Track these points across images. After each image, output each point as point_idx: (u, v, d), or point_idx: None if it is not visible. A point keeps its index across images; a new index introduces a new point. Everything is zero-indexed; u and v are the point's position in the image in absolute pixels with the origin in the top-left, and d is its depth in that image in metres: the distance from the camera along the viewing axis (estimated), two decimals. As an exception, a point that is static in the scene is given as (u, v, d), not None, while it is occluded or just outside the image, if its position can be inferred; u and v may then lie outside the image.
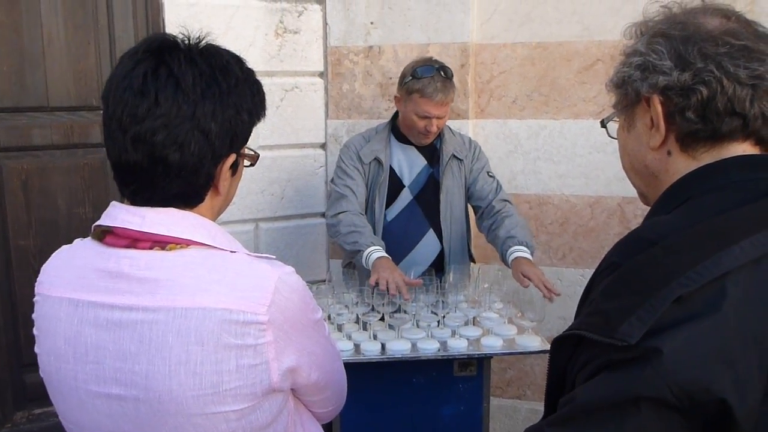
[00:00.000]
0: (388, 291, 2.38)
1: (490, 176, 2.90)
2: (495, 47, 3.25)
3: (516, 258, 2.56)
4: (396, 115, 2.87)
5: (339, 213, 2.76)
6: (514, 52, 3.23)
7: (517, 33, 3.22)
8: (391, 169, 2.84)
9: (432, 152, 2.86)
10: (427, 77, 2.65)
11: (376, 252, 2.59)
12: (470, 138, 2.99)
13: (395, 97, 2.82)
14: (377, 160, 2.82)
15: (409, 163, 2.86)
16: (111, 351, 1.05)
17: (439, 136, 2.84)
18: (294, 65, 3.33)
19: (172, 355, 1.02)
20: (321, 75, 3.43)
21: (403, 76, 2.75)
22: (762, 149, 0.98)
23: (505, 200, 2.85)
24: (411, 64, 2.77)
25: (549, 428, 0.86)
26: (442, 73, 2.67)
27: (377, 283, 2.41)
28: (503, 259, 2.65)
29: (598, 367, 0.84)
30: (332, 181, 2.92)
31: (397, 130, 2.86)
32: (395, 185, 2.85)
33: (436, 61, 2.77)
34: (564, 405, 0.86)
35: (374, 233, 2.79)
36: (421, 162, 2.85)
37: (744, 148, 0.96)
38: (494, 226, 2.75)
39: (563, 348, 0.92)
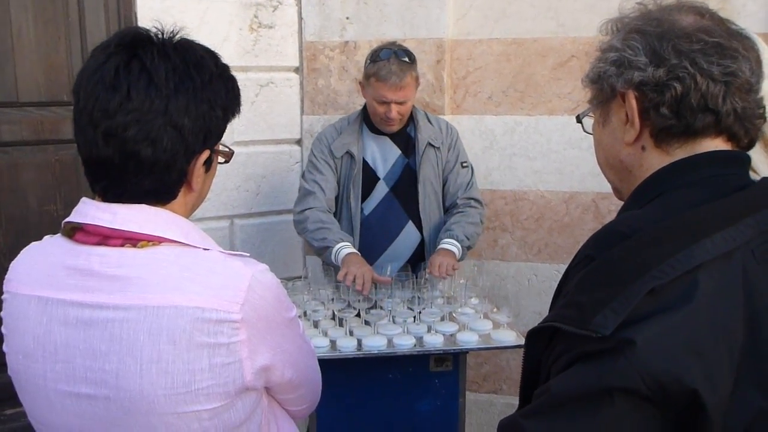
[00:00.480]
0: (355, 286, 2.40)
1: (464, 167, 2.86)
2: (471, 43, 3.26)
3: (438, 249, 2.65)
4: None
5: (306, 209, 2.74)
6: (489, 48, 3.24)
7: (492, 29, 3.22)
8: (365, 162, 2.80)
9: (407, 141, 2.81)
10: (383, 60, 2.60)
11: (345, 248, 2.59)
12: (447, 123, 2.92)
13: (359, 83, 2.78)
14: (349, 154, 2.77)
15: (383, 154, 2.81)
16: (81, 350, 1.04)
17: (413, 123, 2.80)
18: (269, 60, 3.31)
19: (143, 353, 1.01)
20: (296, 70, 3.41)
21: (365, 62, 2.71)
22: (734, 145, 0.99)
23: (471, 198, 2.83)
24: (373, 48, 2.73)
25: (524, 420, 0.87)
26: (402, 57, 2.62)
27: (346, 278, 2.42)
28: None
29: (572, 359, 0.84)
30: (302, 175, 2.88)
31: (369, 120, 2.81)
32: (370, 178, 2.80)
33: (396, 44, 2.71)
34: (538, 396, 0.87)
35: (351, 228, 2.78)
36: (395, 152, 2.81)
37: (716, 144, 0.98)
38: (446, 219, 2.81)
39: (538, 340, 0.93)
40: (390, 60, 2.59)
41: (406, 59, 2.64)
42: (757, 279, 0.87)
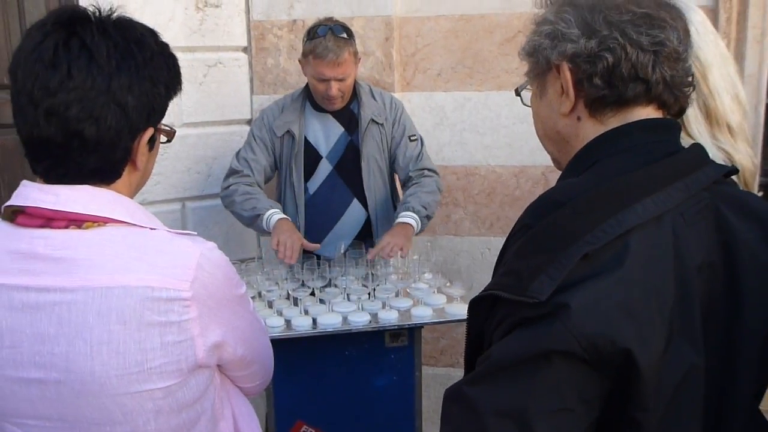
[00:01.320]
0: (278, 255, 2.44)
1: (413, 140, 2.85)
2: (419, 20, 3.27)
3: (396, 223, 2.65)
4: None
5: (231, 185, 2.75)
6: (437, 25, 3.25)
7: (439, 6, 3.23)
8: (307, 141, 2.78)
9: (350, 118, 2.79)
10: (319, 38, 2.57)
11: (275, 215, 2.60)
12: (392, 97, 2.89)
13: (299, 61, 2.76)
14: (290, 133, 2.75)
15: (325, 132, 2.79)
16: (28, 334, 1.02)
17: (357, 99, 2.78)
18: (216, 40, 3.26)
19: (93, 335, 1.01)
20: (245, 50, 3.37)
21: (303, 38, 2.69)
22: (665, 113, 1.03)
23: (423, 168, 2.82)
24: (311, 26, 2.69)
25: (466, 386, 0.89)
26: (339, 33, 2.59)
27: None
28: None
29: (511, 325, 0.87)
30: (238, 151, 2.85)
31: (312, 97, 2.78)
32: (312, 157, 2.79)
33: (332, 20, 2.69)
34: (481, 363, 0.90)
35: (296, 208, 2.78)
36: (338, 130, 2.79)
37: (648, 112, 1.01)
38: (404, 193, 2.81)
39: (480, 309, 0.95)
40: (327, 37, 2.56)
41: (344, 35, 2.61)
42: (686, 240, 0.91)
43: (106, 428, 1.05)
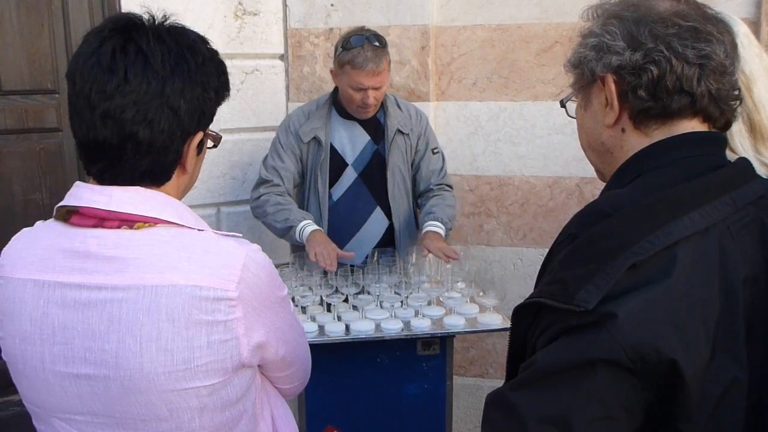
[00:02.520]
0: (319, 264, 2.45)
1: (435, 153, 2.87)
2: (455, 29, 3.28)
3: (425, 232, 2.67)
4: (337, 89, 2.80)
5: (262, 195, 2.76)
6: (474, 35, 3.26)
7: (476, 15, 3.24)
8: (333, 148, 2.78)
9: (376, 127, 2.80)
10: (357, 47, 2.57)
11: (309, 226, 2.61)
12: (416, 109, 2.91)
13: (331, 71, 2.76)
14: (316, 139, 2.76)
15: (351, 140, 2.80)
16: (80, 331, 1.05)
17: (383, 109, 2.78)
18: (254, 47, 3.31)
19: (142, 332, 1.03)
20: (281, 57, 3.41)
21: (335, 49, 2.68)
22: (710, 126, 1.03)
23: (443, 184, 2.85)
24: (342, 35, 2.70)
25: (510, 392, 0.90)
26: (374, 42, 2.59)
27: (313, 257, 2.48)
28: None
29: (556, 333, 0.88)
30: (264, 159, 2.86)
31: (339, 104, 2.78)
32: (338, 164, 2.80)
33: (367, 30, 2.69)
34: (524, 369, 0.90)
35: (319, 213, 2.79)
36: (364, 138, 2.80)
37: (693, 125, 1.01)
38: (423, 203, 2.84)
39: (523, 316, 0.96)
40: (364, 47, 2.57)
41: (379, 44, 2.62)
42: (732, 254, 0.91)
43: (152, 424, 1.07)
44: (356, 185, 2.82)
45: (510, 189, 3.36)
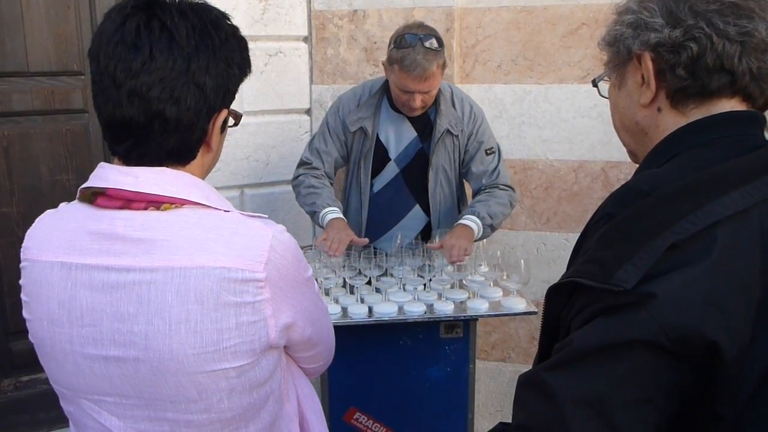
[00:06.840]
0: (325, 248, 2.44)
1: (489, 153, 2.72)
2: (480, 11, 3.24)
3: (457, 224, 2.58)
4: None
5: (300, 175, 2.77)
6: (498, 17, 3.22)
7: (502, -3, 3.20)
8: (378, 139, 2.72)
9: (425, 124, 2.70)
10: (407, 48, 2.41)
11: (331, 213, 2.60)
12: (472, 107, 2.73)
13: (382, 62, 2.65)
14: (362, 130, 2.69)
15: (397, 135, 2.72)
16: (108, 313, 1.05)
17: (435, 106, 2.66)
18: (278, 30, 3.30)
19: (171, 314, 1.03)
20: (305, 40, 3.39)
21: (390, 42, 2.56)
22: (749, 105, 1.00)
23: (496, 185, 2.70)
24: (399, 28, 2.56)
25: (544, 372, 0.89)
26: (426, 43, 2.42)
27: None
28: None
29: (593, 313, 0.86)
30: (312, 138, 2.85)
31: (391, 96, 2.68)
32: (381, 156, 2.74)
33: (423, 27, 2.52)
34: (559, 350, 0.89)
35: (360, 202, 2.78)
36: (410, 134, 2.71)
37: (732, 105, 0.98)
38: (472, 203, 2.75)
39: (558, 296, 0.94)
40: (416, 48, 2.39)
41: (434, 46, 2.44)
42: None
43: (182, 406, 1.07)
44: (396, 180, 2.77)
45: (534, 173, 3.33)
